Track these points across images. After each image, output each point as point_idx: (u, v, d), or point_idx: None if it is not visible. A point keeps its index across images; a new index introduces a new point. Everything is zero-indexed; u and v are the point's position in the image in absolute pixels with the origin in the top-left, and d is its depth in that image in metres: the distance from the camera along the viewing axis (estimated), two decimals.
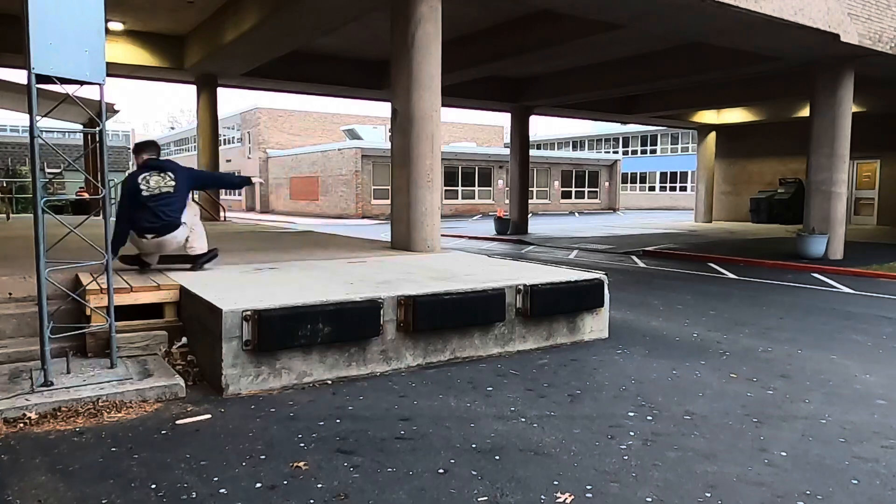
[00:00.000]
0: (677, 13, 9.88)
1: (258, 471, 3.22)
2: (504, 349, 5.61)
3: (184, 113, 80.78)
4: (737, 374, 5.04)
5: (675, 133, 46.13)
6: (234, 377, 4.40)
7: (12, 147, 26.84)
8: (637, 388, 4.66)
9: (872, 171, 22.11)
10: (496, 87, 19.54)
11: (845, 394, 4.59)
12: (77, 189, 22.58)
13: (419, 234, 8.46)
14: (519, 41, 13.47)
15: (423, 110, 8.28)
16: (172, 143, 54.30)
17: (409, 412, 4.10)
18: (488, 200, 37.43)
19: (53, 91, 4.51)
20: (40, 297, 4.15)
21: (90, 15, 4.14)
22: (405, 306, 5.07)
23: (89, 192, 17.36)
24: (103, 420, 3.86)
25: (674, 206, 45.31)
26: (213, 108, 16.58)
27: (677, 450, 3.55)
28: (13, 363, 4.62)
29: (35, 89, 4.01)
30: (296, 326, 4.53)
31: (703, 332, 6.54)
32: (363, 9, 10.25)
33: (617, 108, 22.38)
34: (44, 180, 5.67)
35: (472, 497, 2.98)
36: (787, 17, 9.96)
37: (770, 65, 14.20)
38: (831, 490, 3.10)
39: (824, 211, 12.77)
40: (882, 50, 11.78)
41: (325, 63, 16.49)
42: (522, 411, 4.13)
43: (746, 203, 25.46)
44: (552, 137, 58.30)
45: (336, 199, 34.07)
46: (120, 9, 12.38)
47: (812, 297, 8.91)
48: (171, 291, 5.29)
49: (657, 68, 16.01)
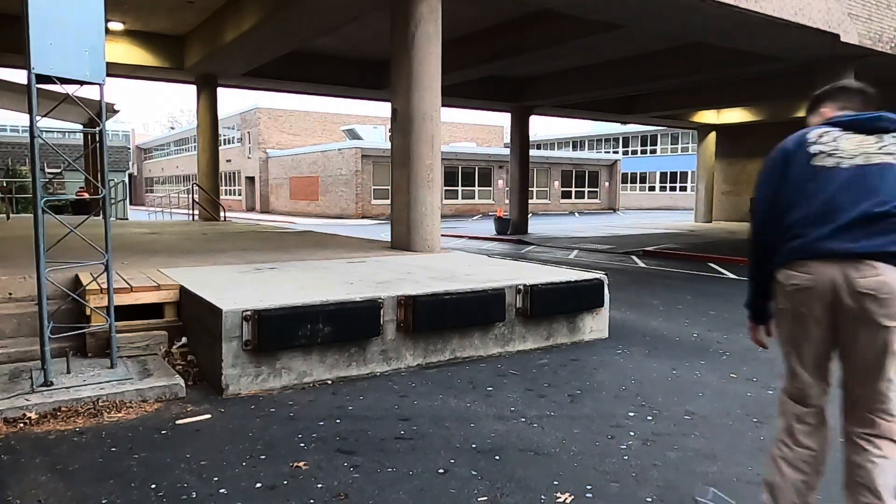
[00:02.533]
0: (677, 13, 9.89)
1: (258, 471, 3.22)
2: (504, 349, 5.61)
3: (184, 113, 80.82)
4: (737, 374, 5.04)
5: (675, 133, 46.12)
6: (234, 377, 4.40)
7: (12, 147, 26.83)
8: (637, 388, 4.66)
9: None
10: (496, 87, 19.54)
11: None
12: (77, 189, 22.59)
13: (419, 234, 8.46)
14: (519, 41, 13.47)
15: (423, 110, 8.28)
16: (172, 143, 54.31)
17: (409, 412, 4.11)
18: (488, 200, 37.43)
19: (53, 91, 4.51)
20: (40, 297, 4.15)
21: (90, 15, 4.15)
22: (405, 306, 5.07)
23: (89, 192, 17.36)
24: (103, 420, 3.86)
25: (674, 206, 45.30)
26: (213, 108, 16.58)
27: (677, 450, 3.55)
28: (13, 363, 4.62)
29: (35, 89, 4.01)
30: (296, 326, 4.53)
31: (703, 332, 6.54)
32: (363, 9, 10.25)
33: (617, 108, 22.38)
34: (44, 180, 5.66)
35: (472, 497, 2.98)
36: (787, 17, 9.97)
37: (770, 65, 14.20)
38: (831, 489, 3.10)
39: None
40: (882, 50, 11.79)
41: (325, 63, 16.50)
42: (522, 411, 4.13)
43: (746, 203, 25.45)
44: (552, 137, 58.30)
45: (336, 199, 34.07)
46: (120, 9, 12.38)
47: None
48: (171, 291, 5.29)
49: (657, 68, 16.01)
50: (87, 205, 16.91)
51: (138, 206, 50.34)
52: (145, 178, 60.55)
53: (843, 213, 2.22)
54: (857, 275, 2.16)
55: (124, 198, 20.65)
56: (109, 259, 4.56)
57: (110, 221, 4.58)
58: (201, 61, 14.23)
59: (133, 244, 9.08)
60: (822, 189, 2.28)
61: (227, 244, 9.47)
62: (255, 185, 41.80)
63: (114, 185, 12.94)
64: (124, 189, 21.11)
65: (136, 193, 55.72)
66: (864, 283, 2.14)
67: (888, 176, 2.23)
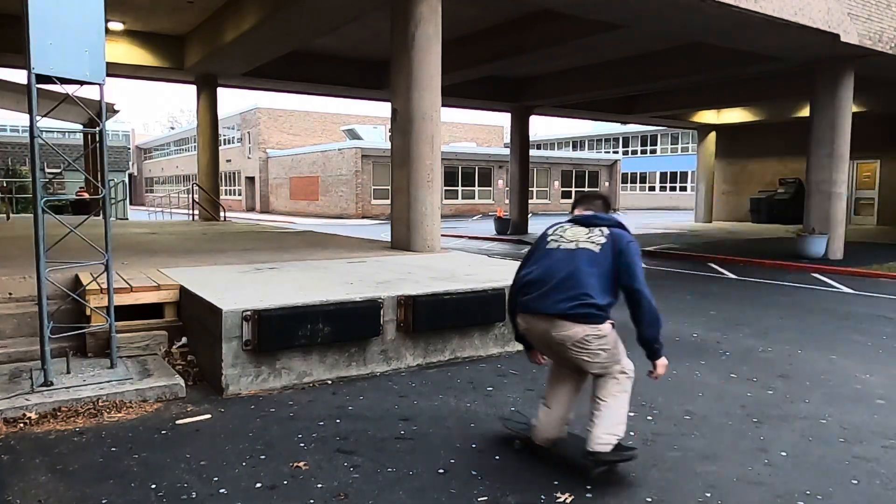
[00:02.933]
0: (677, 13, 9.88)
1: (258, 471, 3.22)
2: (504, 349, 5.61)
3: (184, 113, 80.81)
4: (737, 374, 5.04)
5: (675, 133, 46.10)
6: (234, 377, 4.40)
7: (12, 147, 26.81)
8: (637, 388, 4.64)
9: (872, 171, 22.11)
10: (496, 87, 19.54)
11: (845, 394, 4.59)
12: (77, 189, 22.57)
13: (419, 234, 8.45)
14: (519, 41, 13.47)
15: (423, 110, 8.28)
16: (172, 143, 54.30)
17: (409, 412, 4.10)
18: (488, 200, 37.42)
19: (53, 91, 4.51)
20: (40, 297, 4.15)
21: (90, 15, 4.15)
22: (405, 306, 5.07)
23: (89, 192, 17.36)
24: (103, 420, 3.86)
25: (674, 206, 45.28)
26: (213, 108, 16.57)
27: (677, 450, 3.55)
28: (13, 363, 4.62)
29: (35, 89, 4.01)
30: (296, 326, 4.53)
31: (703, 332, 6.54)
32: (363, 9, 10.25)
33: (617, 108, 22.37)
34: (44, 180, 5.65)
35: (472, 497, 2.98)
36: (787, 17, 9.96)
37: (770, 65, 14.20)
38: (831, 490, 3.10)
39: (824, 211, 12.77)
40: (882, 50, 11.78)
41: (325, 63, 16.49)
42: (522, 411, 4.13)
43: (746, 203, 25.46)
44: (552, 137, 58.28)
45: (336, 199, 34.07)
46: (120, 9, 12.38)
47: (812, 297, 8.91)
48: (171, 291, 5.29)
49: (657, 68, 16.01)
50: (87, 205, 16.91)
51: (138, 206, 50.35)
52: (145, 178, 60.55)
53: (550, 281, 3.17)
54: (553, 329, 3.16)
55: (124, 198, 20.65)
56: (109, 259, 4.56)
57: (110, 221, 4.58)
58: (201, 61, 14.22)
59: (133, 244, 9.08)
60: (543, 262, 3.26)
61: (227, 244, 9.47)
62: (255, 185, 41.79)
63: (114, 185, 12.94)
64: (124, 189, 21.11)
65: (136, 193, 55.73)
66: (556, 335, 3.16)
67: (582, 256, 3.16)
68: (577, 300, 3.08)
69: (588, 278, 3.10)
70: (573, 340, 3.11)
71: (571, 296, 3.08)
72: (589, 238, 3.21)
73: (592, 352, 3.14)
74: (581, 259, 3.14)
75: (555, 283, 3.13)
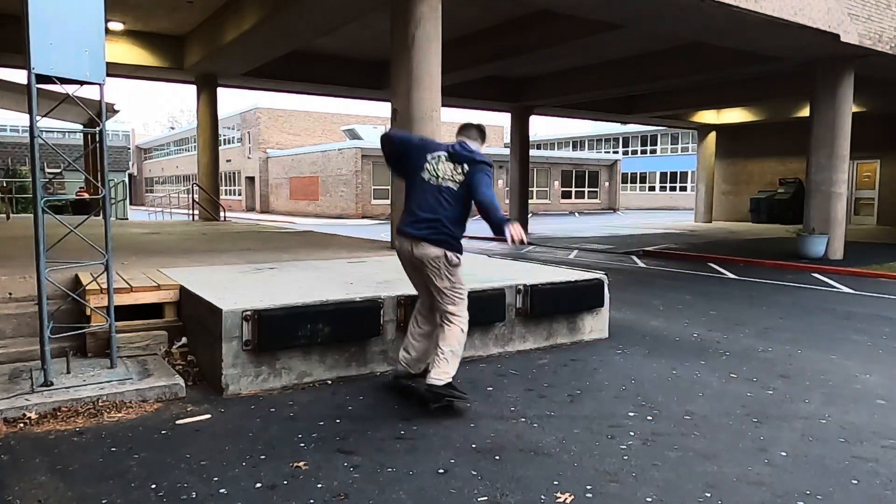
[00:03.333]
0: (677, 13, 9.88)
1: (258, 471, 3.22)
2: (504, 349, 5.61)
3: (184, 113, 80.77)
4: (737, 374, 5.04)
5: (675, 133, 46.10)
6: (234, 377, 4.40)
7: (12, 147, 26.80)
8: (637, 388, 4.66)
9: (872, 171, 22.12)
10: (496, 87, 19.54)
11: (845, 394, 4.59)
12: (77, 189, 22.56)
13: None
14: (519, 41, 13.47)
15: (424, 110, 8.28)
16: (172, 143, 54.31)
17: (409, 412, 4.10)
18: None
19: (53, 91, 4.51)
20: (40, 297, 4.15)
21: (90, 15, 4.14)
22: (405, 306, 5.06)
23: (89, 191, 17.35)
24: (103, 420, 3.86)
25: (674, 206, 45.27)
26: (213, 108, 16.58)
27: (677, 450, 3.55)
28: (13, 363, 4.62)
29: (35, 89, 4.01)
30: (296, 326, 4.53)
31: (703, 332, 6.54)
32: (363, 9, 10.25)
33: (617, 108, 22.37)
34: (44, 180, 5.65)
35: (472, 497, 2.98)
36: (787, 17, 9.96)
37: (770, 65, 14.20)
38: (831, 490, 3.10)
39: (824, 211, 12.77)
40: (882, 50, 11.79)
41: (325, 63, 16.49)
42: (522, 411, 4.13)
43: (746, 203, 25.46)
44: (552, 137, 58.28)
45: (336, 199, 34.07)
46: (120, 9, 12.38)
47: (812, 297, 8.91)
48: (171, 291, 5.29)
49: (657, 68, 16.01)
50: (87, 205, 16.90)
51: (138, 206, 50.34)
52: (145, 178, 60.55)
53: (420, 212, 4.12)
54: (416, 249, 4.08)
55: (124, 198, 20.64)
56: (109, 259, 4.55)
57: (110, 221, 4.58)
58: (201, 61, 14.23)
59: (133, 244, 9.08)
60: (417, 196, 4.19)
61: (226, 244, 9.47)
62: (255, 185, 41.79)
63: (114, 185, 12.94)
64: (124, 189, 21.10)
65: (136, 193, 55.71)
66: (417, 253, 4.08)
67: (445, 193, 4.10)
68: (436, 228, 4.03)
69: (446, 211, 4.06)
70: (429, 258, 4.02)
71: (433, 225, 4.05)
72: (453, 177, 4.09)
73: (440, 274, 4.06)
74: (444, 195, 4.08)
75: (422, 217, 4.08)
